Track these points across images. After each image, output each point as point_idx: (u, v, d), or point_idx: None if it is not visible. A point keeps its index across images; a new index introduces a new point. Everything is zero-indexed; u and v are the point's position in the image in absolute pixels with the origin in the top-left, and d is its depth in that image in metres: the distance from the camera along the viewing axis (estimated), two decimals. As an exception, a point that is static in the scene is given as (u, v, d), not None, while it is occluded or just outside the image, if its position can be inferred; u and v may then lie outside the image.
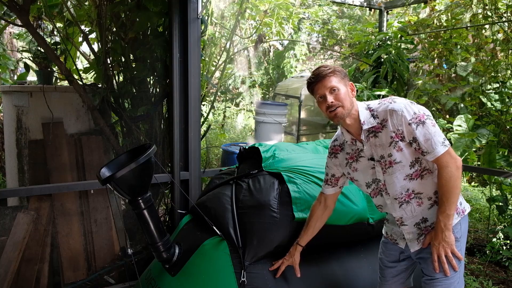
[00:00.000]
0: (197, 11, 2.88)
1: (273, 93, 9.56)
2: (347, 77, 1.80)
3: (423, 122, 1.66)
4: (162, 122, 3.27)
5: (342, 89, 1.73)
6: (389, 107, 1.70)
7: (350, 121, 1.77)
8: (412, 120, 1.67)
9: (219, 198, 2.41)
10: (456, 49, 4.54)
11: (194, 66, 2.91)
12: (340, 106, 1.72)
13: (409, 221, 1.82)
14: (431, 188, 1.77)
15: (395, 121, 1.69)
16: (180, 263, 2.26)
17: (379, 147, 1.75)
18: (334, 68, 1.76)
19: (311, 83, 1.78)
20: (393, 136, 1.70)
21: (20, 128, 3.05)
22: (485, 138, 4.21)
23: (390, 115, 1.70)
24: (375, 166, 1.81)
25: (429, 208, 1.79)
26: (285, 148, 2.64)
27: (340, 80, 1.75)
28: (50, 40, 3.40)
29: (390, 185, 1.79)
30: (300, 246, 2.08)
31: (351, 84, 1.80)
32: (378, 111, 1.74)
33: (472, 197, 5.28)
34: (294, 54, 10.64)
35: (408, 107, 1.69)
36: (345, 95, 1.73)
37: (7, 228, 2.78)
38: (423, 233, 1.82)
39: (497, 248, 3.53)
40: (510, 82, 4.20)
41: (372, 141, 1.76)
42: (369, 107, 1.78)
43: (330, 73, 1.73)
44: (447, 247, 1.71)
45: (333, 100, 1.72)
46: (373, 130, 1.75)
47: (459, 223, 1.79)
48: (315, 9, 8.83)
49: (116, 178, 1.88)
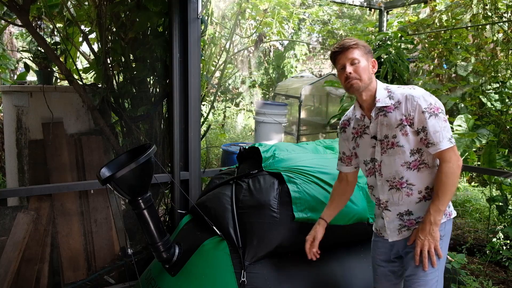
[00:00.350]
0: (197, 11, 2.88)
1: (273, 93, 9.56)
2: (370, 53, 1.83)
3: (436, 114, 1.69)
4: (162, 122, 3.27)
5: (363, 62, 1.77)
6: (407, 92, 1.74)
7: (366, 96, 1.81)
8: (427, 109, 1.69)
9: (219, 198, 2.41)
10: (456, 49, 4.54)
11: (194, 66, 2.91)
12: (358, 79, 1.76)
13: (393, 208, 1.84)
14: (424, 183, 1.79)
15: (409, 105, 1.72)
16: (180, 263, 2.26)
17: (386, 126, 1.77)
18: (358, 42, 1.80)
19: (334, 53, 1.82)
20: (403, 119, 1.73)
21: (20, 128, 3.05)
22: (485, 138, 4.21)
23: (405, 99, 1.73)
24: (375, 146, 1.83)
25: (417, 202, 1.80)
26: (285, 148, 2.64)
27: (363, 54, 1.78)
28: (50, 40, 3.40)
29: (386, 166, 1.81)
30: (323, 220, 2.03)
31: (373, 61, 1.82)
32: (395, 93, 1.78)
33: (472, 197, 5.28)
34: (294, 54, 10.64)
35: (426, 96, 1.72)
36: (365, 69, 1.77)
37: (7, 228, 2.78)
38: (405, 225, 1.83)
39: (497, 248, 3.53)
40: (510, 82, 4.20)
41: (380, 119, 1.79)
42: (387, 88, 1.81)
43: (353, 45, 1.77)
44: (431, 242, 1.72)
45: (352, 71, 1.76)
46: (385, 109, 1.78)
47: (444, 223, 1.80)
48: (316, 9, 8.83)
49: (116, 178, 1.88)
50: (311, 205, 2.21)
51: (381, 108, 1.79)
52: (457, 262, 2.61)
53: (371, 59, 1.82)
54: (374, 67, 1.83)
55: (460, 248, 3.63)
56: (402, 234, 1.86)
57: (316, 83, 7.43)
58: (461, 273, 2.76)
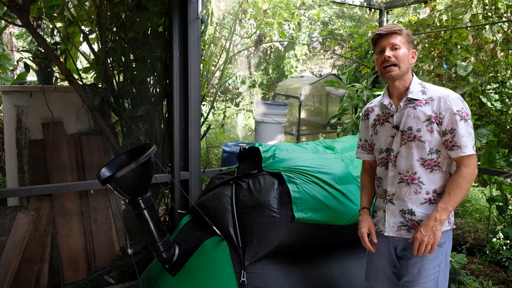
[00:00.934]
0: (197, 11, 2.88)
1: (273, 93, 9.56)
2: (413, 44, 1.81)
3: (466, 120, 1.71)
4: (162, 122, 3.27)
5: (403, 50, 1.76)
6: (442, 91, 1.75)
7: (398, 85, 1.81)
8: (459, 112, 1.70)
9: (219, 198, 2.41)
10: (456, 49, 4.54)
11: (194, 66, 2.91)
12: (396, 66, 1.75)
13: (398, 203, 1.82)
14: (433, 185, 1.77)
15: (442, 104, 1.72)
16: (180, 263, 2.26)
17: (414, 119, 1.76)
18: (403, 29, 1.78)
19: (377, 35, 1.80)
20: (432, 116, 1.73)
21: (20, 128, 3.05)
22: (485, 138, 4.21)
23: (439, 97, 1.73)
24: (395, 136, 1.82)
25: (422, 202, 1.78)
26: (285, 148, 2.64)
27: (405, 42, 1.77)
28: (50, 40, 3.40)
29: (403, 158, 1.79)
30: (366, 209, 2.00)
31: (414, 51, 1.81)
32: (429, 90, 1.78)
33: (472, 197, 5.28)
34: (295, 54, 10.64)
35: (459, 100, 1.72)
36: (405, 56, 1.76)
37: (7, 228, 2.78)
38: (406, 225, 1.81)
39: (497, 248, 3.53)
40: (510, 82, 4.20)
41: (408, 110, 1.78)
42: (422, 84, 1.81)
43: (398, 31, 1.76)
44: (431, 239, 1.70)
45: (391, 55, 1.74)
46: (415, 101, 1.77)
47: (446, 232, 1.80)
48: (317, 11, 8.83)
49: (116, 178, 1.88)
50: (311, 205, 2.21)
51: (411, 99, 1.78)
52: (457, 262, 2.61)
53: (412, 50, 1.80)
54: (414, 58, 1.81)
55: (460, 248, 3.63)
56: (400, 232, 1.84)
57: (316, 83, 7.43)
58: (461, 273, 2.76)
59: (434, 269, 1.78)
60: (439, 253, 1.78)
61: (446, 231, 1.80)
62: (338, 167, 2.46)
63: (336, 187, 2.31)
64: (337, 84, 4.65)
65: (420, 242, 1.71)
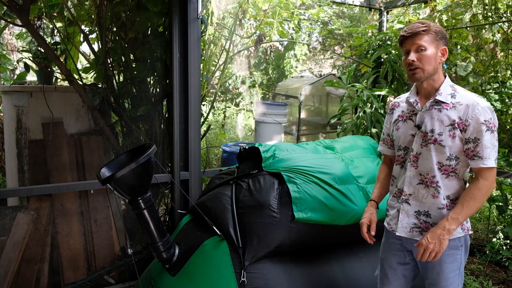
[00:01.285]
0: (197, 11, 2.88)
1: (273, 93, 9.56)
2: (443, 39, 1.72)
3: (493, 131, 1.65)
4: (162, 122, 3.27)
5: (430, 50, 1.68)
6: (473, 98, 1.68)
7: (426, 85, 1.75)
8: (486, 122, 1.64)
9: (219, 198, 2.41)
10: (456, 49, 4.54)
11: (194, 66, 2.91)
12: (420, 68, 1.69)
13: (414, 203, 1.79)
14: (448, 191, 1.75)
15: (469, 111, 1.65)
16: (180, 263, 2.26)
17: (437, 121, 1.71)
18: (430, 27, 1.69)
19: (403, 37, 1.73)
20: (456, 121, 1.67)
21: (20, 128, 3.05)
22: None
23: (468, 104, 1.66)
24: (415, 135, 1.78)
25: (439, 208, 1.75)
26: (285, 148, 2.64)
27: (433, 41, 1.69)
28: (50, 40, 3.40)
29: (424, 160, 1.75)
30: (375, 202, 1.99)
31: (443, 48, 1.72)
32: (459, 94, 1.71)
33: (472, 197, 5.27)
34: (294, 54, 10.64)
35: (489, 110, 1.66)
36: (430, 57, 1.68)
37: (7, 228, 2.78)
38: (420, 227, 1.79)
39: (497, 248, 3.53)
40: (510, 82, 4.20)
41: (433, 112, 1.73)
42: (453, 86, 1.74)
43: (424, 31, 1.68)
44: (436, 248, 1.66)
45: (415, 59, 1.69)
46: (442, 104, 1.72)
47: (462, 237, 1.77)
48: (317, 10, 8.83)
49: (116, 178, 1.89)
50: (311, 205, 2.21)
51: (438, 101, 1.72)
52: (457, 262, 2.60)
53: (441, 47, 1.71)
54: (444, 56, 1.73)
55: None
56: (412, 233, 1.81)
57: (316, 83, 7.43)
58: (461, 273, 2.76)
59: (453, 272, 1.77)
60: (457, 256, 1.76)
61: (462, 236, 1.77)
62: (338, 167, 2.46)
63: (336, 187, 2.31)
64: (337, 84, 4.64)
65: (425, 249, 1.68)
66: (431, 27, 1.69)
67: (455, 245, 1.74)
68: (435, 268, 1.77)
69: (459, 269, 1.77)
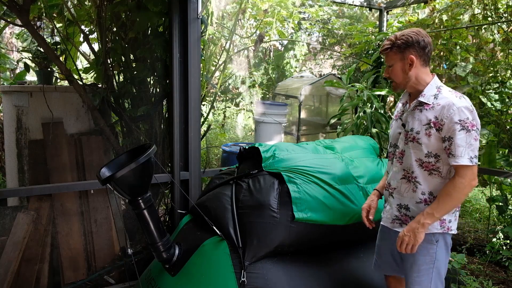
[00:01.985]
0: (197, 11, 2.88)
1: (273, 93, 9.56)
2: (410, 48, 1.79)
3: (469, 130, 1.70)
4: (162, 122, 3.27)
5: (395, 65, 1.83)
6: (451, 99, 1.75)
7: (410, 90, 1.90)
8: (461, 122, 1.70)
9: (219, 198, 2.41)
10: (456, 49, 4.54)
11: (194, 66, 2.91)
12: (393, 81, 1.87)
13: (397, 197, 1.93)
14: (430, 187, 1.82)
15: (444, 111, 1.73)
16: (180, 263, 2.26)
17: (417, 121, 1.83)
18: (394, 41, 1.81)
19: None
20: (432, 121, 1.76)
21: (20, 128, 3.05)
22: (485, 138, 4.21)
23: (444, 105, 1.75)
24: (401, 133, 1.91)
25: (417, 202, 1.84)
26: (285, 148, 2.64)
27: (397, 54, 1.82)
28: (50, 40, 3.40)
29: (406, 156, 1.88)
30: (378, 191, 2.14)
31: (410, 57, 1.80)
32: (441, 95, 1.79)
33: (472, 197, 5.28)
34: (294, 54, 10.64)
35: (466, 110, 1.71)
36: (397, 72, 1.84)
37: (7, 228, 2.78)
38: (400, 219, 1.91)
39: (497, 248, 3.53)
40: (510, 82, 4.20)
41: (415, 112, 1.84)
42: (439, 88, 1.82)
43: (387, 49, 1.84)
44: (411, 240, 1.77)
45: (388, 75, 1.88)
46: (424, 105, 1.81)
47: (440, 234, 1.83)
48: (316, 9, 8.83)
49: (116, 178, 1.89)
50: (311, 205, 2.21)
51: (421, 102, 1.82)
52: (457, 262, 2.61)
53: (408, 55, 1.79)
54: (413, 63, 1.80)
55: (460, 248, 3.63)
56: (394, 225, 1.94)
57: (316, 83, 7.43)
58: (461, 273, 2.76)
59: (426, 265, 1.83)
60: (431, 250, 1.82)
61: (440, 233, 1.83)
62: (338, 167, 2.46)
63: (336, 187, 2.32)
64: (337, 84, 4.64)
65: (402, 241, 1.80)
66: (395, 41, 1.81)
67: (430, 240, 1.81)
68: (409, 260, 1.87)
69: (433, 263, 1.82)
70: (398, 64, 1.82)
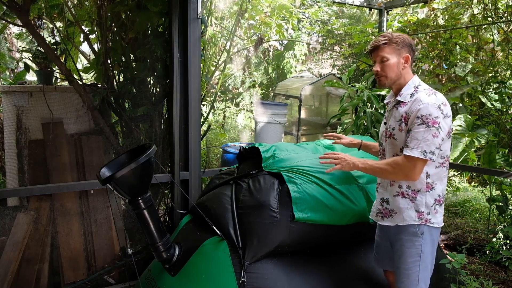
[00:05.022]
0: (197, 11, 2.88)
1: (273, 93, 9.55)
2: (406, 48, 1.91)
3: (429, 126, 1.77)
4: (162, 122, 3.27)
5: (391, 60, 1.89)
6: (421, 96, 1.84)
7: (395, 89, 1.98)
8: (423, 117, 1.78)
9: (219, 198, 2.41)
10: (456, 49, 4.54)
11: (194, 66, 2.91)
12: (384, 76, 1.92)
13: (381, 191, 2.04)
14: (407, 181, 1.90)
15: (413, 106, 1.83)
16: (180, 263, 2.26)
17: (392, 117, 1.96)
18: (391, 39, 1.90)
19: (370, 50, 1.97)
20: (404, 116, 1.87)
21: (20, 128, 3.05)
22: (485, 138, 4.21)
23: (413, 100, 1.85)
24: (384, 131, 2.03)
25: (395, 195, 1.94)
26: (285, 148, 2.64)
27: (394, 51, 1.89)
28: (50, 40, 3.40)
29: (386, 152, 2.02)
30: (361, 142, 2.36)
31: (405, 56, 1.91)
32: (417, 93, 1.88)
33: (472, 197, 5.28)
34: (294, 54, 10.63)
35: (432, 106, 1.79)
36: (393, 66, 1.90)
37: (7, 228, 2.78)
38: (382, 212, 2.02)
39: (497, 248, 3.53)
40: (510, 82, 4.20)
41: (394, 110, 1.96)
42: (417, 87, 1.92)
43: (384, 44, 1.90)
44: (342, 163, 1.99)
45: (379, 69, 1.92)
46: (400, 103, 1.93)
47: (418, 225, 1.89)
48: (315, 9, 8.82)
49: (116, 178, 1.89)
50: (311, 205, 2.21)
51: (399, 101, 1.93)
52: (457, 262, 2.61)
53: (404, 54, 1.90)
54: (407, 62, 1.91)
55: (460, 248, 3.63)
56: (377, 218, 2.06)
57: (316, 83, 7.43)
58: (461, 273, 2.76)
59: (412, 257, 1.90)
60: (416, 242, 1.90)
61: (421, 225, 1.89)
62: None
63: (336, 187, 2.31)
64: (337, 84, 4.64)
65: (336, 158, 2.03)
66: (392, 39, 1.90)
67: (414, 232, 1.89)
68: (397, 252, 1.95)
69: (419, 256, 1.89)
70: (394, 59, 1.89)
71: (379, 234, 2.15)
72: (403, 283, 1.93)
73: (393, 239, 1.99)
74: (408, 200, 1.90)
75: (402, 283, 1.93)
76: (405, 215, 1.90)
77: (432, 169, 1.88)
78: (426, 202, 1.88)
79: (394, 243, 1.98)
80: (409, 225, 1.89)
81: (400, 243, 1.93)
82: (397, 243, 1.95)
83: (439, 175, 1.90)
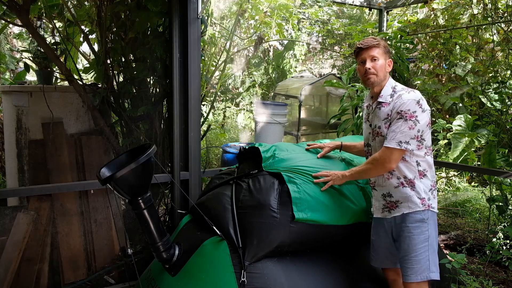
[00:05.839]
0: (197, 11, 2.88)
1: (273, 93, 9.55)
2: (389, 53, 2.11)
3: (406, 120, 1.94)
4: (162, 122, 3.27)
5: (381, 60, 2.05)
6: (401, 94, 2.00)
7: (377, 90, 2.10)
8: (402, 112, 1.95)
9: (219, 198, 2.41)
10: (456, 49, 4.54)
11: (194, 66, 2.91)
12: (375, 74, 2.04)
13: (379, 188, 2.14)
14: (401, 171, 2.03)
15: (396, 104, 1.99)
16: (180, 263, 2.26)
17: (376, 118, 2.08)
18: (380, 42, 2.07)
19: (359, 48, 2.08)
20: (389, 114, 2.01)
21: (20, 128, 3.05)
22: (485, 138, 4.21)
23: (397, 98, 2.00)
24: (370, 132, 2.15)
25: (396, 187, 2.05)
26: (285, 148, 2.64)
27: (383, 53, 2.06)
28: (50, 40, 3.40)
29: (376, 151, 2.10)
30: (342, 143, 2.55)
31: (390, 61, 2.11)
32: (396, 93, 2.03)
33: (472, 197, 5.28)
34: (294, 54, 10.63)
35: (410, 103, 1.95)
36: (382, 67, 2.06)
37: (7, 228, 2.78)
38: (387, 206, 2.10)
39: (497, 248, 3.53)
40: (510, 82, 4.20)
41: (377, 111, 2.08)
42: (394, 87, 2.07)
43: (376, 45, 2.04)
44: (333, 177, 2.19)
45: (371, 67, 2.04)
46: (382, 103, 2.05)
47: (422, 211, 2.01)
48: (315, 9, 8.82)
49: (116, 178, 1.88)
50: (311, 205, 2.21)
51: (380, 102, 2.06)
52: (457, 262, 2.61)
53: (388, 60, 2.09)
54: (390, 66, 2.10)
55: (460, 248, 3.63)
56: (384, 213, 2.12)
57: (316, 83, 7.42)
58: (461, 273, 2.76)
59: (422, 243, 1.99)
60: (423, 228, 2.00)
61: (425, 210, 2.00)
62: (338, 167, 2.46)
63: (336, 187, 2.31)
64: (337, 84, 4.64)
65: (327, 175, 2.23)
66: (381, 42, 2.06)
67: (421, 218, 2.00)
68: (405, 240, 2.01)
69: (427, 241, 1.99)
70: (383, 61, 2.05)
71: (377, 232, 2.19)
72: (414, 269, 1.97)
73: (399, 230, 2.05)
74: (409, 188, 2.02)
75: (413, 269, 1.98)
76: (410, 203, 2.01)
77: (420, 158, 2.02)
78: (424, 188, 2.02)
79: (400, 233, 2.04)
80: (415, 213, 2.00)
81: (408, 230, 2.00)
82: (403, 233, 2.02)
83: (428, 163, 2.05)
